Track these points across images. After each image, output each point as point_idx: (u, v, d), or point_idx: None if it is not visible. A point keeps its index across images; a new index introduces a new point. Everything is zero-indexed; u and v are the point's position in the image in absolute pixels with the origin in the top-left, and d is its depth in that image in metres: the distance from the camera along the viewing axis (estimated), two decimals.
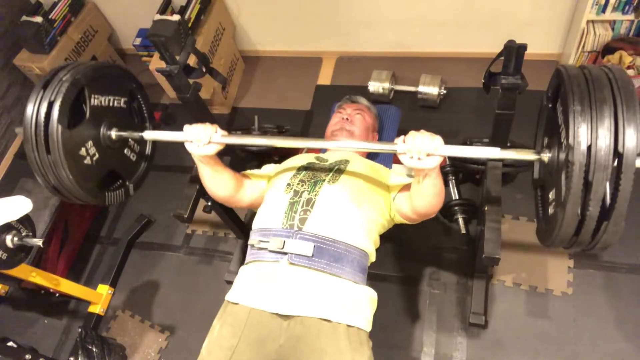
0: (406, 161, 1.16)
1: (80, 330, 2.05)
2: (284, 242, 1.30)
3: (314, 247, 1.29)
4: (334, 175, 1.44)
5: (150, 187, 1.79)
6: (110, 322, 2.28)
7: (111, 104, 1.42)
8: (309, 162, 1.52)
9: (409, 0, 2.53)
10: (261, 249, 1.35)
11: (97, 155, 1.36)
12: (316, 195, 1.37)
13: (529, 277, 2.02)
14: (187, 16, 2.54)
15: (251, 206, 1.57)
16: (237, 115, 2.91)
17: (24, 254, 1.76)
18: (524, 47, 1.21)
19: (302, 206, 1.35)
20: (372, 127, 1.85)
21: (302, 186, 1.41)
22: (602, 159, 0.88)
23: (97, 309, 2.26)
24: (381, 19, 2.68)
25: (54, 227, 2.31)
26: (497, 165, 1.62)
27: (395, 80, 2.68)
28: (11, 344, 2.00)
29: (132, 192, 1.55)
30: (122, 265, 2.43)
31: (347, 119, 1.75)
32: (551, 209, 1.05)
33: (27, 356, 1.92)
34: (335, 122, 1.77)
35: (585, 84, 0.95)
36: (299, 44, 3.01)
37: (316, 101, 2.83)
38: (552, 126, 1.09)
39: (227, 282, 2.24)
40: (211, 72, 1.72)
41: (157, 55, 2.61)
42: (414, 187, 1.30)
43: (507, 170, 1.75)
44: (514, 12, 2.45)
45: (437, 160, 1.14)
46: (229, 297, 1.38)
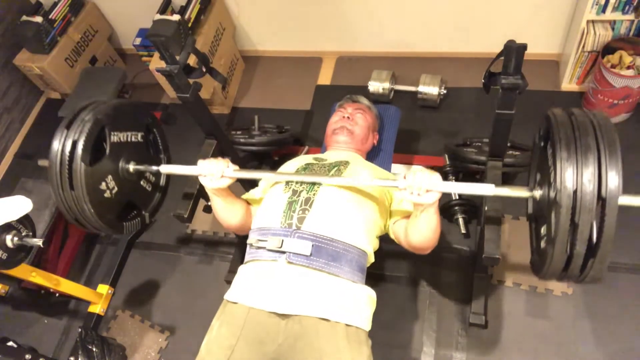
0: (407, 196, 1.19)
1: (80, 330, 2.05)
2: (282, 241, 1.31)
3: (312, 246, 1.29)
4: (333, 175, 1.44)
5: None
6: (110, 322, 2.28)
7: (129, 140, 1.48)
8: (308, 163, 1.53)
9: (409, 0, 2.54)
10: (259, 248, 1.35)
11: (116, 188, 1.41)
12: (315, 194, 1.37)
13: (529, 277, 2.01)
14: (187, 16, 2.54)
15: None
16: (237, 115, 2.91)
17: (24, 254, 1.76)
18: (524, 47, 1.21)
19: (301, 205, 1.35)
20: (373, 127, 1.85)
21: (300, 185, 1.41)
22: (587, 202, 0.93)
23: (97, 309, 2.26)
24: (381, 19, 2.68)
25: (54, 227, 2.32)
26: (497, 165, 1.63)
27: (395, 80, 2.69)
28: (11, 344, 2.00)
29: (147, 221, 1.60)
30: (122, 265, 2.43)
31: (348, 117, 1.75)
32: (543, 244, 1.11)
33: (27, 356, 1.92)
34: (336, 121, 1.77)
35: (571, 130, 1.01)
36: (299, 44, 3.01)
37: (316, 101, 2.83)
38: (544, 164, 1.14)
39: (227, 282, 2.24)
40: (211, 72, 1.72)
41: (157, 55, 2.61)
42: (411, 221, 1.32)
43: (507, 170, 1.75)
44: (514, 12, 2.45)
45: (436, 196, 1.18)
46: (227, 296, 1.38)
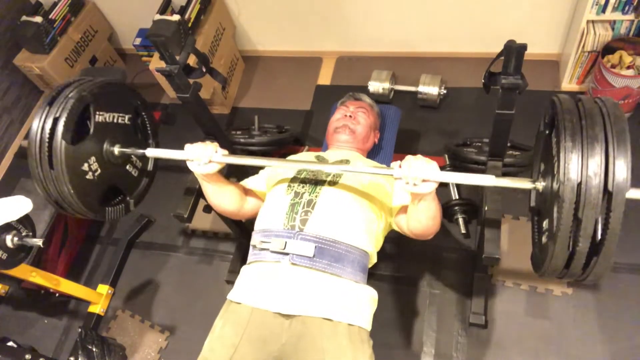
0: (402, 186, 1.16)
1: (80, 330, 2.05)
2: (286, 242, 1.31)
3: (315, 247, 1.30)
4: (334, 175, 1.44)
5: (150, 187, 1.79)
6: (110, 322, 2.28)
7: (115, 121, 1.43)
8: (310, 162, 1.53)
9: (409, 0, 2.54)
10: (263, 249, 1.36)
11: (99, 170, 1.37)
12: (317, 196, 1.37)
13: (529, 277, 2.01)
14: (187, 16, 2.54)
15: (255, 216, 1.57)
16: (237, 115, 2.91)
17: (24, 254, 1.76)
18: (524, 47, 1.21)
19: (303, 207, 1.36)
20: (374, 126, 1.85)
21: (302, 187, 1.41)
22: (592, 197, 0.87)
23: (97, 309, 2.26)
24: (381, 18, 2.68)
25: (54, 227, 2.31)
26: (497, 165, 1.63)
27: (395, 80, 2.68)
28: (11, 344, 2.00)
29: (132, 208, 1.56)
30: (122, 265, 2.43)
31: (350, 116, 1.75)
32: (544, 239, 1.05)
33: (27, 356, 1.92)
34: (337, 119, 1.77)
35: (578, 118, 0.93)
36: (299, 44, 3.01)
37: (316, 101, 2.83)
38: (548, 153, 1.07)
39: (227, 282, 2.24)
40: (211, 72, 1.72)
41: (157, 55, 2.61)
42: (410, 210, 1.31)
43: (507, 170, 1.76)
44: (514, 12, 2.44)
45: (432, 186, 1.14)
46: (231, 296, 1.39)
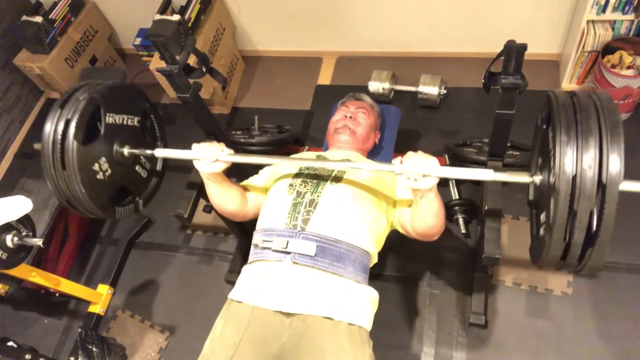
0: (403, 182, 1.17)
1: (80, 330, 2.05)
2: (287, 242, 1.31)
3: (317, 247, 1.30)
4: (336, 175, 1.44)
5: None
6: (110, 322, 2.28)
7: (125, 123, 1.47)
8: (313, 160, 1.52)
9: (409, 0, 2.54)
10: (265, 248, 1.36)
11: (109, 171, 1.40)
12: (319, 196, 1.38)
13: (529, 277, 2.02)
14: (187, 16, 2.54)
15: (255, 217, 1.57)
16: (237, 115, 2.91)
17: (24, 254, 1.76)
18: (524, 47, 1.21)
19: (305, 207, 1.36)
20: (375, 126, 1.85)
21: (304, 187, 1.41)
22: (587, 189, 0.89)
23: (97, 309, 2.26)
24: (381, 18, 2.68)
25: (54, 227, 2.31)
26: (497, 165, 1.63)
27: (395, 80, 2.68)
28: (11, 344, 2.00)
29: (141, 208, 1.59)
30: (122, 265, 2.43)
31: (350, 117, 1.74)
32: (542, 231, 1.07)
33: (27, 356, 1.92)
34: (338, 119, 1.77)
35: (572, 113, 0.96)
36: (299, 44, 3.01)
37: (316, 101, 2.83)
38: (545, 147, 1.09)
39: (227, 282, 2.24)
40: (211, 72, 1.72)
41: (157, 55, 2.61)
42: (413, 209, 1.31)
43: (507, 170, 1.76)
44: (513, 12, 2.45)
45: (433, 181, 1.15)
46: (232, 295, 1.39)
